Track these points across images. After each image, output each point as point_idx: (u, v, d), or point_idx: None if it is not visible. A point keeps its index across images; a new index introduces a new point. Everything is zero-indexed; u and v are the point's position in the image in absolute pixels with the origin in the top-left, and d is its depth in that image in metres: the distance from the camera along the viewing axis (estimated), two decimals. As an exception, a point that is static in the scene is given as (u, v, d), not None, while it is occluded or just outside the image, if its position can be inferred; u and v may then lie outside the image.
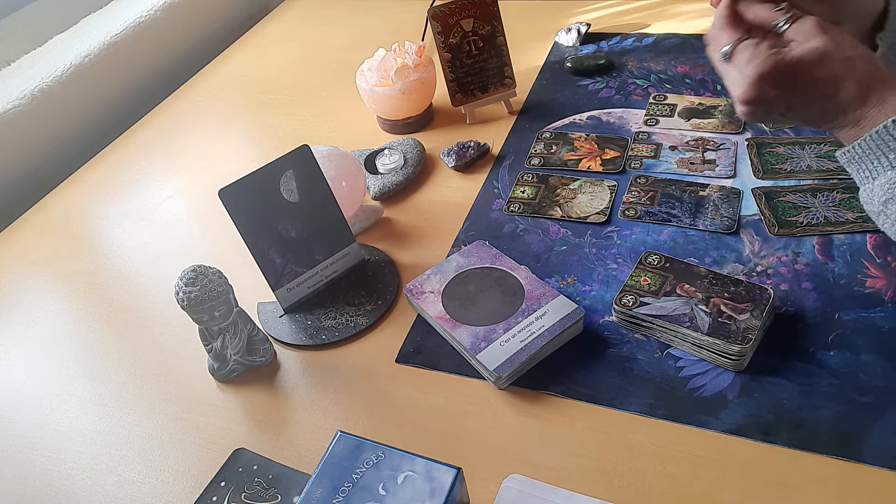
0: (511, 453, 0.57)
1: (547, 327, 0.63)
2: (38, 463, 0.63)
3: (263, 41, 1.29)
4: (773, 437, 0.55)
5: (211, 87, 1.17)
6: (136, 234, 0.87)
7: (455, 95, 0.95)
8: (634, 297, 0.64)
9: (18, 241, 0.90)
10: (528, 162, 0.87)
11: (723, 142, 0.84)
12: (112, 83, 1.12)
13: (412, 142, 0.91)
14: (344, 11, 1.34)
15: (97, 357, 0.72)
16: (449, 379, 0.64)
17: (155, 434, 0.63)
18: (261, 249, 0.68)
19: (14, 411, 0.68)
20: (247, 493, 0.57)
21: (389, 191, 0.85)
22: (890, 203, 0.52)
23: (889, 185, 0.51)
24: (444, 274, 0.70)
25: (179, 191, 0.94)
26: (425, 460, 0.48)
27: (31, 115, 0.99)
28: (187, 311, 0.61)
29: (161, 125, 1.09)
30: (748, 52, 0.56)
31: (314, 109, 1.06)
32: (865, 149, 0.53)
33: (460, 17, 0.91)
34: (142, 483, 0.60)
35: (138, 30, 1.15)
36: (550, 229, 0.77)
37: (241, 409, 0.64)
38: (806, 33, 0.54)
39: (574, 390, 0.61)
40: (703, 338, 0.60)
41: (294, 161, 0.68)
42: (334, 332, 0.69)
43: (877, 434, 0.54)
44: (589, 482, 0.54)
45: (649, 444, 0.56)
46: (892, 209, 0.52)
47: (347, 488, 0.47)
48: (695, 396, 0.59)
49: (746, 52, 0.56)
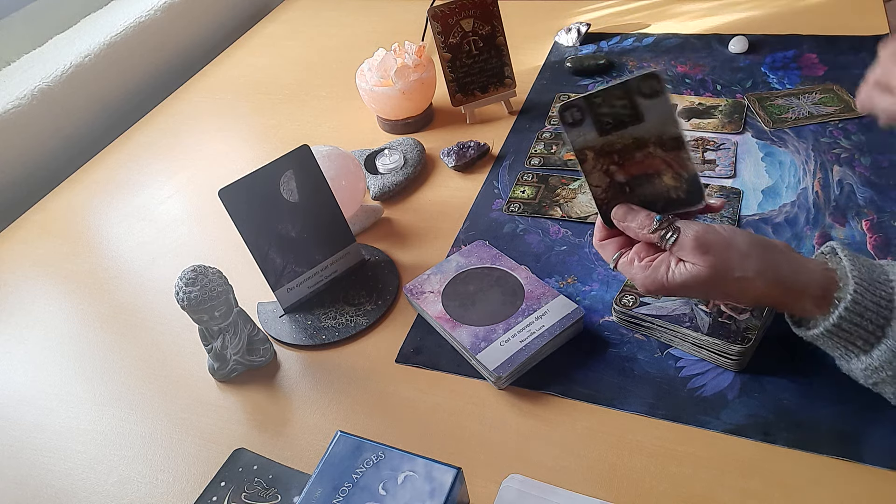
0: (511, 453, 0.57)
1: (547, 327, 0.63)
2: (39, 462, 0.63)
3: (263, 41, 1.29)
4: (773, 437, 0.55)
5: (211, 87, 1.17)
6: (136, 234, 0.87)
7: (455, 95, 0.95)
8: (634, 297, 0.64)
9: (19, 240, 0.90)
10: (528, 162, 0.87)
11: (723, 142, 0.84)
12: (112, 83, 1.12)
13: (412, 142, 0.91)
14: (344, 11, 1.34)
15: (97, 357, 0.72)
16: (449, 379, 0.64)
17: (155, 434, 0.63)
18: (261, 249, 0.68)
19: (14, 411, 0.68)
20: (247, 493, 0.57)
21: (389, 191, 0.85)
22: (880, 385, 0.51)
23: (870, 370, 0.50)
24: (444, 274, 0.70)
25: (179, 191, 0.94)
26: (425, 460, 0.48)
27: (31, 115, 0.99)
28: (187, 311, 0.61)
29: (161, 125, 1.09)
30: (628, 272, 0.56)
31: (314, 109, 1.06)
32: (825, 342, 0.52)
33: (460, 17, 0.91)
34: (142, 483, 0.60)
35: (138, 30, 1.15)
36: (550, 229, 0.77)
37: (241, 409, 0.65)
38: (688, 253, 0.52)
39: (574, 390, 0.61)
40: (703, 338, 0.60)
41: (294, 161, 0.68)
42: (334, 332, 0.69)
43: (876, 434, 0.54)
44: (589, 482, 0.54)
45: (649, 444, 0.56)
46: (885, 389, 0.51)
47: (347, 488, 0.47)
48: (695, 396, 0.59)
49: (627, 272, 0.56)
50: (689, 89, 0.95)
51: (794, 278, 0.51)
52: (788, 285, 0.51)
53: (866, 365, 0.50)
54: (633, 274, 0.55)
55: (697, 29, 1.07)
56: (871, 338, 0.49)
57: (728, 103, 0.90)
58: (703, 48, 1.03)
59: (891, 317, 0.48)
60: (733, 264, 0.51)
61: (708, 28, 1.07)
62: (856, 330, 0.49)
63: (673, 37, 1.07)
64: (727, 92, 0.93)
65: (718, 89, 0.94)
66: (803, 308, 0.52)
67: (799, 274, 0.51)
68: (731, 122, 0.87)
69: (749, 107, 0.89)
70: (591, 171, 0.56)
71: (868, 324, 0.49)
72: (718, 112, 0.89)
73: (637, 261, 0.55)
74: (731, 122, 0.87)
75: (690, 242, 0.52)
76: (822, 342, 0.52)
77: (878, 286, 0.49)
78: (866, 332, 0.49)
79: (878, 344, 0.49)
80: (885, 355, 0.48)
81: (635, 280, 0.55)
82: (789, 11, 1.08)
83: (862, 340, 0.49)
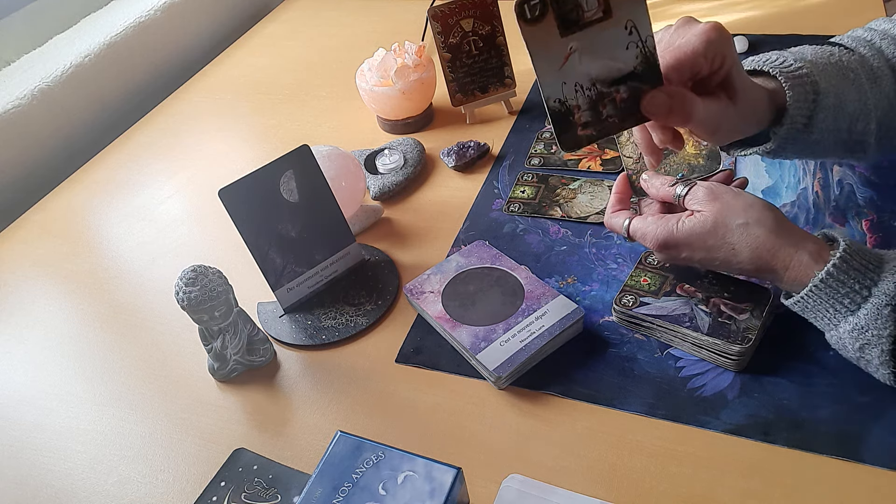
0: (511, 453, 0.57)
1: (547, 327, 0.63)
2: (39, 462, 0.63)
3: (263, 41, 1.29)
4: (773, 437, 0.55)
5: (211, 87, 1.17)
6: (136, 234, 0.87)
7: (455, 95, 0.95)
8: (634, 297, 0.64)
9: (19, 240, 0.90)
10: (528, 162, 0.87)
11: (723, 142, 0.84)
12: (112, 83, 1.12)
13: (412, 142, 0.91)
14: (344, 11, 1.34)
15: (97, 357, 0.72)
16: (449, 379, 0.64)
17: (155, 434, 0.63)
18: (261, 249, 0.68)
19: (14, 411, 0.68)
20: (247, 493, 0.57)
21: (389, 191, 0.85)
22: (866, 348, 0.52)
23: (857, 331, 0.51)
24: (444, 274, 0.70)
25: (179, 191, 0.94)
26: (425, 460, 0.48)
27: (31, 115, 0.99)
28: (187, 311, 0.61)
29: (161, 125, 1.09)
30: (640, 229, 0.60)
31: (314, 109, 1.06)
32: (812, 302, 0.53)
33: (460, 17, 0.91)
34: (142, 483, 0.60)
35: (138, 30, 1.15)
36: (550, 229, 0.77)
37: (241, 409, 0.65)
38: (699, 201, 0.57)
39: (574, 390, 0.61)
40: (703, 338, 0.60)
41: (294, 161, 0.68)
42: (334, 332, 0.69)
43: (877, 434, 0.54)
44: (589, 482, 0.54)
45: (649, 444, 0.56)
46: (871, 353, 0.51)
47: (347, 488, 0.47)
48: (695, 396, 0.59)
49: (639, 229, 0.60)
50: (689, 89, 0.95)
51: (791, 230, 0.55)
52: (786, 236, 0.54)
53: (853, 325, 0.51)
54: (644, 228, 0.59)
55: (697, 29, 1.07)
56: (857, 297, 0.51)
57: (728, 103, 0.90)
58: (703, 48, 1.03)
59: (878, 279, 0.51)
60: (738, 211, 0.55)
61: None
62: (843, 287, 0.51)
63: (673, 37, 1.07)
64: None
65: (718, 89, 0.94)
66: (799, 261, 0.53)
67: (795, 230, 0.55)
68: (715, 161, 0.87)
69: None
70: (625, 143, 0.63)
71: (855, 283, 0.51)
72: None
73: (650, 217, 0.60)
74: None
75: (703, 191, 0.57)
76: (813, 303, 0.53)
77: (868, 253, 0.52)
78: (853, 291, 0.51)
79: (863, 303, 0.51)
80: (871, 313, 0.50)
81: (646, 235, 0.59)
82: (789, 11, 1.08)
83: (849, 300, 0.51)
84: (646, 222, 0.59)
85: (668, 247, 0.58)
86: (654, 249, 0.60)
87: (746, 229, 0.54)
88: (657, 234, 0.58)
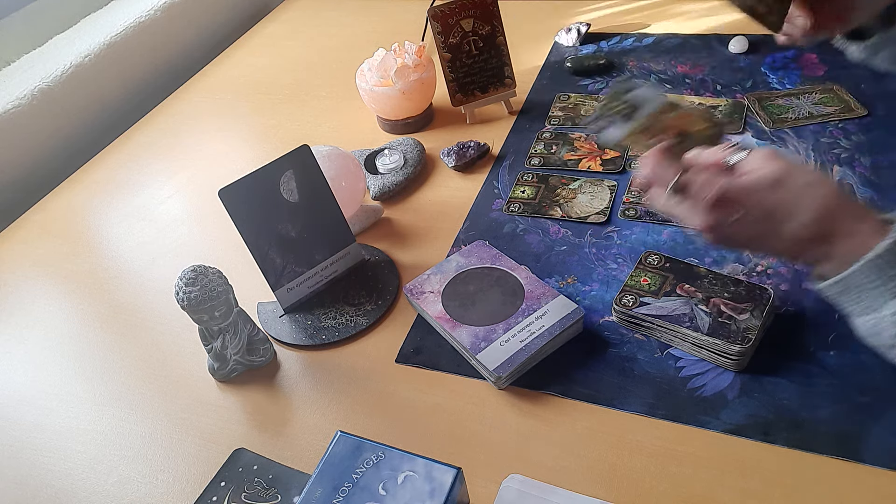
0: (511, 453, 0.57)
1: (547, 327, 0.63)
2: (39, 462, 0.63)
3: (263, 41, 1.29)
4: (773, 437, 0.55)
5: (211, 87, 1.17)
6: (136, 234, 0.87)
7: (455, 95, 0.95)
8: (634, 297, 0.64)
9: (19, 240, 0.90)
10: (528, 162, 0.87)
11: (723, 142, 0.84)
12: (112, 83, 1.12)
13: (412, 142, 0.91)
14: (344, 11, 1.34)
15: (97, 357, 0.72)
16: (449, 379, 0.64)
17: (155, 434, 0.63)
18: (261, 249, 0.68)
19: (14, 411, 0.68)
20: (247, 493, 0.57)
21: (389, 191, 0.85)
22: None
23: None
24: (444, 274, 0.70)
25: (179, 191, 0.94)
26: (425, 460, 0.48)
27: (31, 115, 0.99)
28: (187, 311, 0.61)
29: (161, 125, 1.09)
30: (701, 178, 0.54)
31: (314, 109, 1.06)
32: (861, 279, 0.50)
33: (460, 17, 0.91)
34: (142, 483, 0.60)
35: (138, 30, 1.15)
36: (550, 229, 0.77)
37: (241, 409, 0.65)
38: (761, 160, 0.53)
39: (574, 390, 0.61)
40: (703, 338, 0.60)
41: (294, 161, 0.68)
42: (334, 332, 0.69)
43: (876, 434, 0.54)
44: (589, 482, 0.54)
45: (649, 444, 0.56)
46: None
47: (347, 488, 0.47)
48: (695, 396, 0.59)
49: (699, 178, 0.54)
50: (690, 89, 0.95)
51: (854, 200, 0.53)
52: (851, 203, 0.52)
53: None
54: (704, 178, 0.54)
55: (697, 29, 1.07)
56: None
57: (728, 103, 0.90)
58: (703, 48, 1.03)
59: None
60: (803, 170, 0.53)
61: (708, 28, 1.07)
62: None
63: (673, 37, 1.07)
64: (727, 92, 0.93)
65: (718, 89, 0.94)
66: (860, 231, 0.50)
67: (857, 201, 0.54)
68: (731, 123, 0.87)
69: (749, 107, 0.89)
70: None
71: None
72: (719, 112, 0.89)
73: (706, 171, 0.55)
74: (731, 123, 0.87)
75: (763, 152, 0.54)
76: (861, 279, 0.50)
77: None
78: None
79: None
80: None
81: (704, 185, 0.54)
82: (789, 11, 1.08)
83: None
84: (703, 173, 0.54)
85: (725, 202, 0.53)
86: (706, 207, 0.53)
87: (812, 189, 0.51)
88: (719, 183, 0.53)
